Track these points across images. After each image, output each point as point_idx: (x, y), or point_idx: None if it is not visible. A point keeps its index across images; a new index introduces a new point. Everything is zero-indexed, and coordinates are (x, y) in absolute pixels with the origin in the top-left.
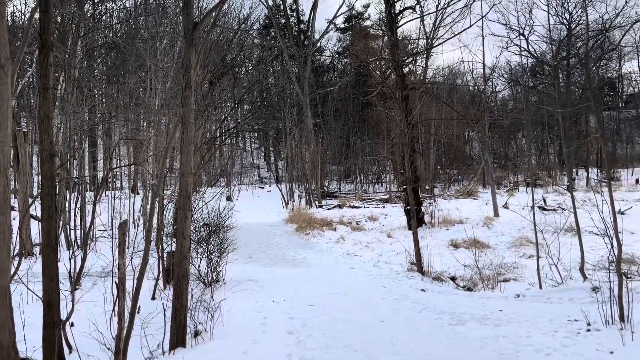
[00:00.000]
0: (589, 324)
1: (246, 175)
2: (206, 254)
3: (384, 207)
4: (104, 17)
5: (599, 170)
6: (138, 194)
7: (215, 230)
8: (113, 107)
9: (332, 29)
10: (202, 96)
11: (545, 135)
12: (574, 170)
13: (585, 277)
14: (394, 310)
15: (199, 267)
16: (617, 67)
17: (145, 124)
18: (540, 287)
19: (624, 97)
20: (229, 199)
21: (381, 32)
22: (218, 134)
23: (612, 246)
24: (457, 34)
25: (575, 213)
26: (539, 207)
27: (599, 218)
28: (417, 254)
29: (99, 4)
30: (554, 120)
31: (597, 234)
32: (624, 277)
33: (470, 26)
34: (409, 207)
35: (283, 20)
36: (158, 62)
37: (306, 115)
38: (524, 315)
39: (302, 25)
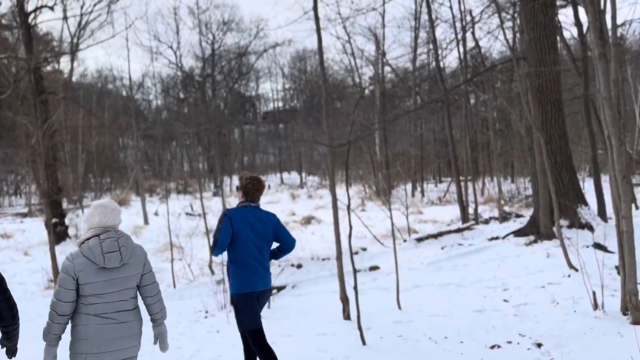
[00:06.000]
0: (206, 312)
1: None
2: None
3: (22, 221)
4: None
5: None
6: None
7: None
8: None
9: None
10: None
11: (196, 145)
12: (220, 177)
13: (213, 272)
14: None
15: None
16: (255, 87)
17: None
18: (175, 287)
19: (261, 113)
20: None
21: (15, 25)
22: None
23: None
24: (104, 40)
25: (204, 217)
26: (186, 213)
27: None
28: (54, 271)
29: None
30: (204, 131)
31: None
32: None
33: (115, 35)
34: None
35: None
36: None
37: None
38: None
39: None
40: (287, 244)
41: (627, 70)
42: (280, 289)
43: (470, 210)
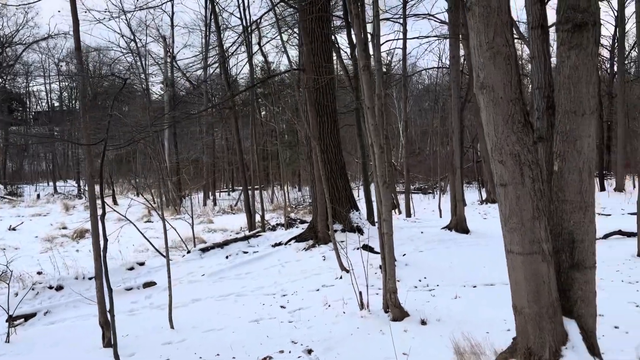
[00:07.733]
0: None
1: None
2: None
3: None
4: None
5: (3, 186)
6: None
7: None
8: None
9: None
10: None
11: None
12: None
13: None
14: None
15: None
16: (25, 83)
17: None
18: None
19: (33, 113)
20: None
21: None
22: None
23: None
24: None
25: None
26: None
27: None
28: None
29: None
30: None
31: None
32: None
33: None
34: None
35: None
36: None
37: None
38: None
39: None
40: None
41: (394, 94)
42: (28, 317)
43: (259, 217)
